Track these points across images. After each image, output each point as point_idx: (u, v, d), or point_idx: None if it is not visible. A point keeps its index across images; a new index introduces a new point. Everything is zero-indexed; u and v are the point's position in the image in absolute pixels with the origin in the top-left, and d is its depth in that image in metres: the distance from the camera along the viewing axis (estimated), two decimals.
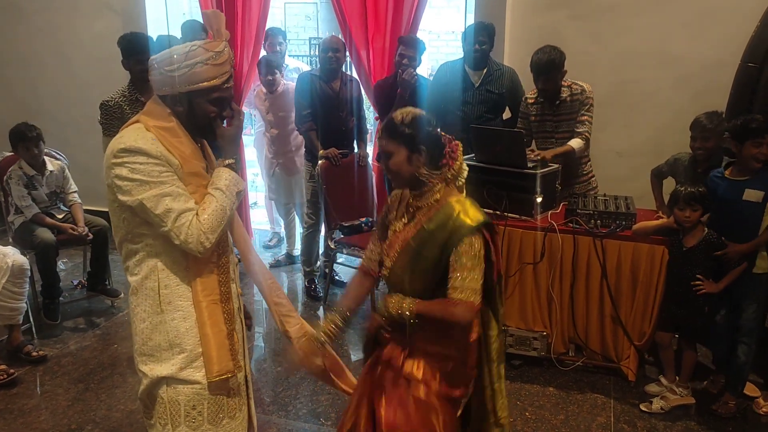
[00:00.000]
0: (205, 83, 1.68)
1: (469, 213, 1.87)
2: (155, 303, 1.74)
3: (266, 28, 4.93)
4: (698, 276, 2.86)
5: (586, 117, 3.53)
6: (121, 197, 1.64)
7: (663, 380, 3.09)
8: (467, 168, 1.98)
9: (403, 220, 2.00)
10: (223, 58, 1.70)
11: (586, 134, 3.53)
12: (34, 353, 3.47)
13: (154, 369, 1.76)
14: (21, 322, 3.51)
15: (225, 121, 1.82)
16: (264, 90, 4.66)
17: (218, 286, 1.79)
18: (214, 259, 1.79)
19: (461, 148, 1.96)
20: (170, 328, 1.74)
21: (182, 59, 1.65)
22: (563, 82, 3.53)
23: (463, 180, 1.97)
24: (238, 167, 1.81)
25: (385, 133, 1.93)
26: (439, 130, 1.95)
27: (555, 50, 3.40)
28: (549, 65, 3.39)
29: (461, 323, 1.88)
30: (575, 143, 3.51)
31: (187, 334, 1.75)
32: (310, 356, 2.01)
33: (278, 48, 4.87)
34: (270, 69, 4.51)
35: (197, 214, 1.68)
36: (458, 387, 1.97)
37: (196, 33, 3.89)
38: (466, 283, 1.83)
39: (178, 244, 1.66)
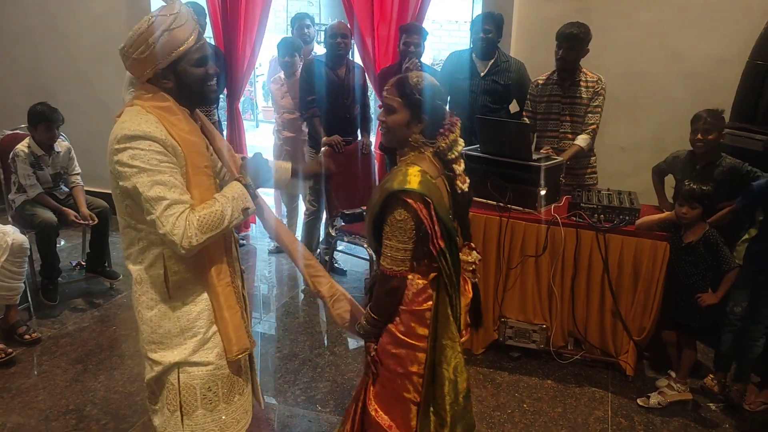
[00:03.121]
0: (180, 48, 1.65)
1: (401, 180, 1.85)
2: (163, 290, 1.73)
3: (294, 15, 4.88)
4: (696, 289, 2.90)
5: (598, 109, 3.53)
6: (121, 183, 1.62)
7: (672, 374, 3.10)
8: (462, 143, 1.99)
9: None
10: (183, 18, 1.66)
11: (594, 128, 3.54)
12: (27, 336, 3.45)
13: (165, 356, 1.76)
14: (18, 302, 3.50)
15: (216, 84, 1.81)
16: (282, 75, 4.60)
17: (228, 267, 1.80)
18: (221, 242, 1.79)
19: (459, 125, 1.98)
20: (181, 314, 1.74)
21: (147, 36, 1.62)
22: (581, 68, 3.54)
23: (456, 154, 1.97)
24: (252, 193, 1.78)
25: (394, 90, 1.92)
26: (446, 105, 1.97)
27: (583, 25, 3.45)
28: (573, 36, 3.42)
29: (387, 288, 1.92)
30: (582, 141, 3.52)
31: (199, 317, 1.76)
32: (343, 315, 2.12)
33: (306, 31, 4.78)
34: (288, 50, 4.45)
35: (193, 208, 1.63)
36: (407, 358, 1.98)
37: (199, 16, 3.86)
38: (385, 250, 1.89)
39: (162, 234, 1.59)
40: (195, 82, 1.71)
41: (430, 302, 1.95)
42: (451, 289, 1.95)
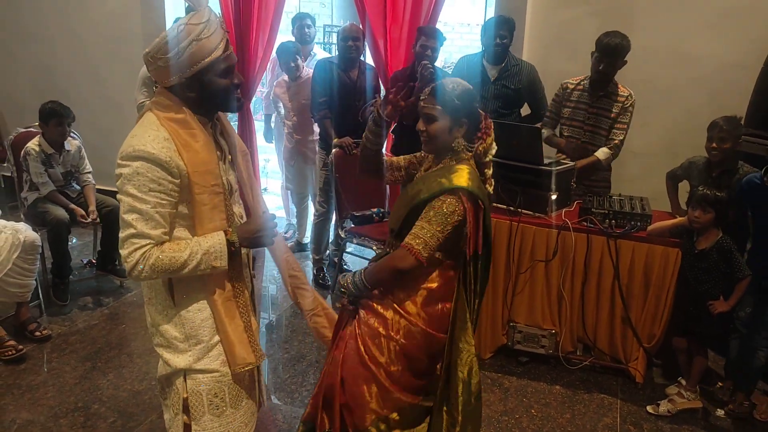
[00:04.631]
0: (208, 58, 1.62)
1: (459, 176, 1.90)
2: (169, 296, 1.75)
3: (295, 14, 4.89)
4: (708, 296, 2.88)
5: (623, 126, 3.49)
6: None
7: (682, 382, 3.08)
8: (495, 147, 2.03)
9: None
10: (213, 26, 1.63)
11: (617, 144, 3.50)
12: (38, 333, 3.47)
13: (171, 360, 1.77)
14: (29, 299, 3.53)
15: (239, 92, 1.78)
16: (286, 78, 4.60)
17: (231, 282, 1.78)
18: None
19: (493, 128, 2.02)
20: (185, 321, 1.75)
21: (176, 43, 1.59)
22: (614, 81, 3.50)
23: (490, 157, 2.03)
24: (236, 253, 1.74)
25: (433, 98, 1.96)
26: (478, 106, 2.01)
27: (626, 38, 3.36)
28: (618, 49, 3.34)
29: (400, 267, 1.91)
30: (602, 154, 3.50)
31: (203, 325, 1.76)
32: (321, 331, 2.14)
33: (306, 31, 4.79)
34: (291, 55, 4.46)
35: (161, 246, 1.62)
36: (400, 334, 1.99)
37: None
38: (419, 231, 1.89)
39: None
40: (219, 93, 1.69)
41: (431, 284, 1.98)
42: (471, 294, 2.00)
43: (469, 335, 1.99)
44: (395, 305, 1.99)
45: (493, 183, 2.06)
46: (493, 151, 2.02)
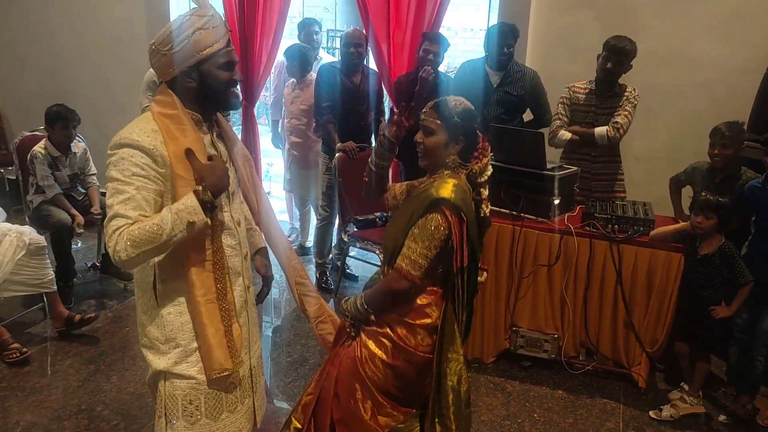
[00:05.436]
0: (208, 49, 1.67)
1: (444, 188, 1.90)
2: (152, 297, 1.75)
3: (300, 20, 4.92)
4: (710, 301, 2.88)
5: (625, 112, 3.49)
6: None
7: (685, 387, 3.08)
8: (491, 168, 2.02)
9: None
10: (216, 21, 1.69)
11: (615, 125, 3.47)
12: (87, 317, 3.52)
13: (153, 361, 1.79)
14: (55, 288, 3.54)
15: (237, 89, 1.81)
16: (294, 80, 4.63)
17: (214, 283, 1.76)
18: (209, 257, 1.75)
19: (490, 149, 2.02)
20: (166, 323, 1.75)
21: (178, 33, 1.64)
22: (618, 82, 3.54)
23: (485, 178, 2.02)
24: (210, 208, 1.66)
25: (434, 113, 1.98)
26: (477, 127, 2.02)
27: (634, 43, 3.43)
28: (625, 51, 3.39)
29: (395, 289, 1.93)
30: (597, 129, 3.50)
31: (182, 329, 1.76)
32: (326, 337, 2.16)
33: (315, 38, 4.84)
34: (303, 59, 4.48)
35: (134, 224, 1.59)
36: (400, 360, 2.00)
37: None
38: (407, 251, 1.91)
39: None
40: (218, 85, 1.72)
41: (427, 320, 1.99)
42: (459, 307, 2.00)
43: (457, 345, 2.00)
44: (395, 337, 1.99)
45: (489, 206, 2.06)
46: (489, 173, 2.02)
